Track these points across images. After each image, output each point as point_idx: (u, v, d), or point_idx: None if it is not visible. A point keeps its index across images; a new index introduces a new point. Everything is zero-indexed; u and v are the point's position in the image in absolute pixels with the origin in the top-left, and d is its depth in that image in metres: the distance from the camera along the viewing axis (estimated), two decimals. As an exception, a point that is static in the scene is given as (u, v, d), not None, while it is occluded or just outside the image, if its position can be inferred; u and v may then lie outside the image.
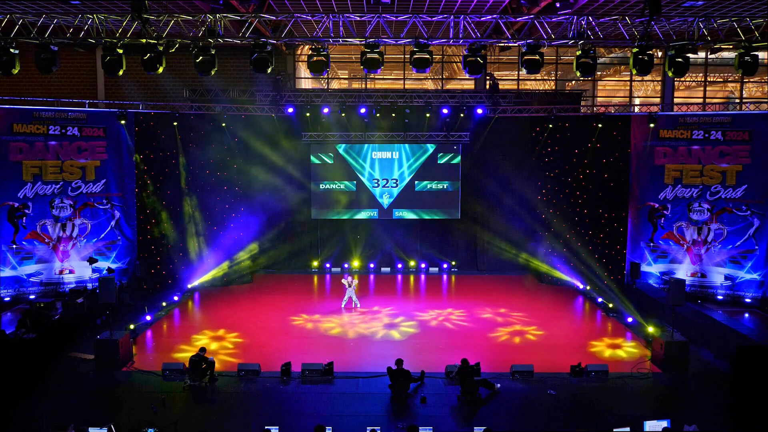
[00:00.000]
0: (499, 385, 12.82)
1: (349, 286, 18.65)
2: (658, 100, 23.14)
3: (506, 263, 23.31)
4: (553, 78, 24.11)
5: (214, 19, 12.97)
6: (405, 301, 20.10)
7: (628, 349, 15.48)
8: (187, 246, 21.22)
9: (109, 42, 12.68)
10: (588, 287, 20.35)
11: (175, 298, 19.27)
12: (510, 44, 16.37)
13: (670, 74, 13.09)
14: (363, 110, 20.69)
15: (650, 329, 15.21)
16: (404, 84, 23.46)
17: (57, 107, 19.49)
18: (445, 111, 20.90)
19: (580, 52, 12.81)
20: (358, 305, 18.68)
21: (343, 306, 18.61)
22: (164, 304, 18.63)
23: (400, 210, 23.23)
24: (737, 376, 12.71)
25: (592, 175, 21.14)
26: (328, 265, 23.57)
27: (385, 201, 23.17)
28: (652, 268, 20.40)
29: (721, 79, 24.14)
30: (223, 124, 21.05)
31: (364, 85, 23.76)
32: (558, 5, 14.75)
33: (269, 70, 12.98)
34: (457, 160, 22.80)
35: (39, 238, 19.55)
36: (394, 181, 23.06)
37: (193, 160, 21.20)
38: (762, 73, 22.92)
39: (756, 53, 12.79)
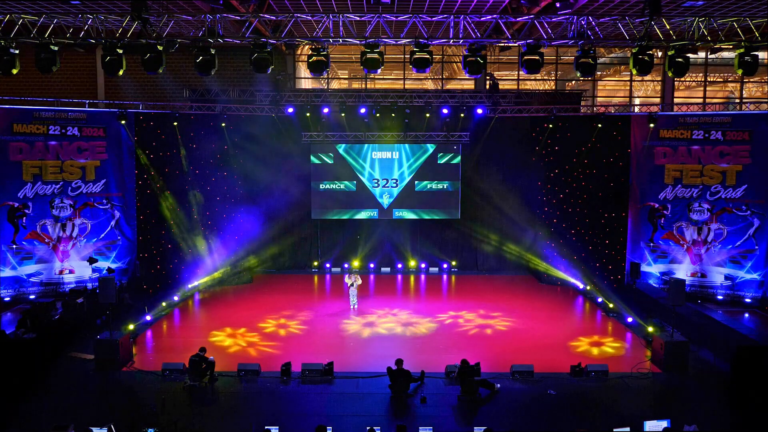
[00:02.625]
0: (499, 385, 12.82)
1: (351, 285, 18.48)
2: (658, 100, 23.14)
3: (506, 263, 23.36)
4: (553, 78, 24.10)
5: (214, 19, 12.97)
6: (405, 301, 20.09)
7: (627, 349, 15.49)
8: (187, 246, 21.20)
9: (109, 42, 12.68)
10: (588, 287, 20.34)
11: (175, 298, 19.25)
12: (510, 44, 16.35)
13: (670, 74, 13.08)
14: (363, 110, 20.70)
15: (650, 329, 15.20)
16: (404, 84, 23.46)
17: (57, 107, 19.49)
18: (445, 111, 20.90)
19: (580, 52, 12.82)
20: (356, 307, 18.48)
21: (352, 308, 18.44)
22: (164, 304, 18.60)
23: (400, 210, 23.22)
24: (737, 376, 12.70)
25: (592, 175, 21.12)
26: (328, 265, 23.57)
27: (385, 201, 23.17)
28: (652, 268, 20.40)
29: (721, 79, 24.14)
30: (223, 124, 21.05)
31: (364, 85, 23.76)
32: (558, 5, 14.72)
33: (269, 70, 12.97)
34: (457, 160, 22.80)
35: (39, 238, 19.55)
36: (394, 181, 23.06)
37: (193, 160, 21.18)
38: (762, 73, 22.91)
39: (756, 53, 12.78)
